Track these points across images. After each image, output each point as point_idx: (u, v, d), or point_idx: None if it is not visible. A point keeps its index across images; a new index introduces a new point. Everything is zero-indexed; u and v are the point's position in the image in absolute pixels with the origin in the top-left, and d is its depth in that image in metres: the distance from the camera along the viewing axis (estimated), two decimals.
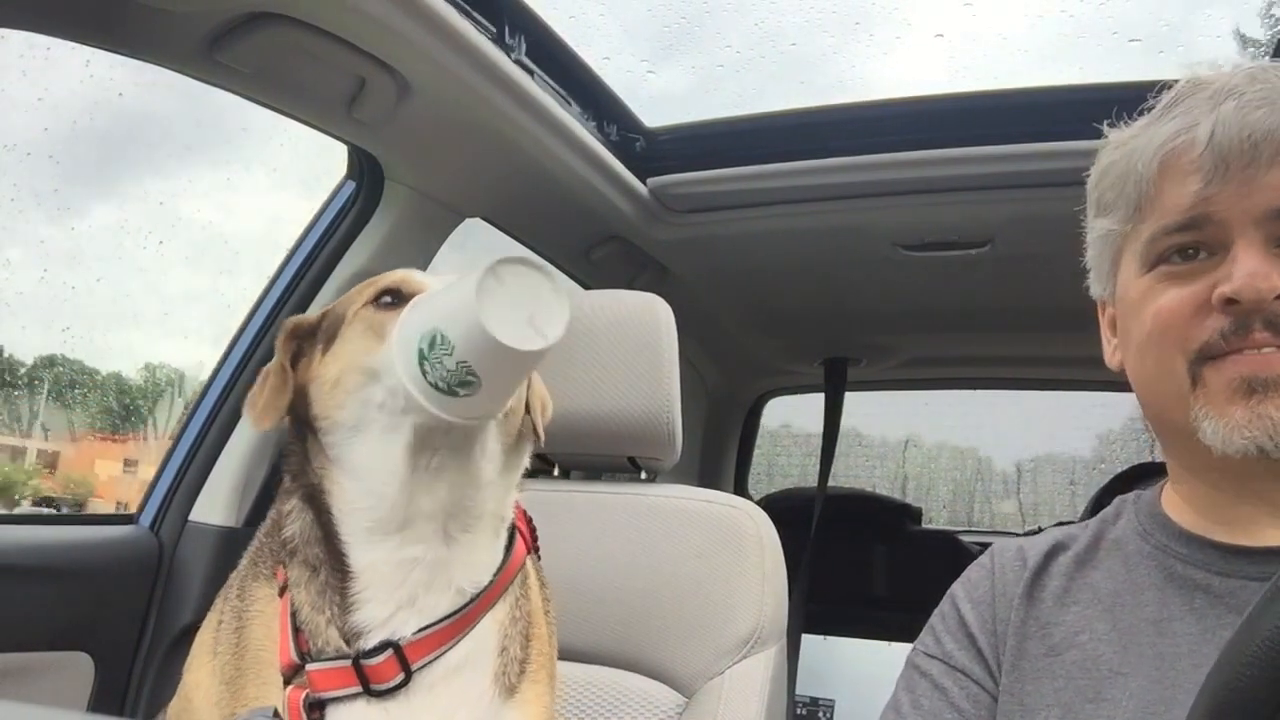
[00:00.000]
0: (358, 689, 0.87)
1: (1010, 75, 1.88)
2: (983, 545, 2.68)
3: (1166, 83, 0.85)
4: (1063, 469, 3.78)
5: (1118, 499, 0.95)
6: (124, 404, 2.31)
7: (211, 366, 1.71)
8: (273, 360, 0.99)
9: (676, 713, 1.30)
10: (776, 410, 3.49)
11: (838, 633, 2.86)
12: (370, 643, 0.89)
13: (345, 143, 1.60)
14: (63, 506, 2.11)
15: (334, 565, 0.91)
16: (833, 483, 3.02)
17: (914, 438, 3.92)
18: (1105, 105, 0.90)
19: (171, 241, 1.86)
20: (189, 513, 1.63)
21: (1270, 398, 0.74)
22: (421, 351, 0.77)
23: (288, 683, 0.90)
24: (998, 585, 0.92)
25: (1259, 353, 0.75)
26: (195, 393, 1.73)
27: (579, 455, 1.56)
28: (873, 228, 2.02)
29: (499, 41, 1.48)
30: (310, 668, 0.89)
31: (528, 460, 1.04)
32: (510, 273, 0.74)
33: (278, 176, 1.94)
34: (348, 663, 0.88)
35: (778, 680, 1.32)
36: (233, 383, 1.66)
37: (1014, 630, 0.87)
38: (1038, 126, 1.71)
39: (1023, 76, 1.88)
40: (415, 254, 1.77)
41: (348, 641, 0.89)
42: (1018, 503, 3.82)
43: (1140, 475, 2.17)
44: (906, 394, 3.50)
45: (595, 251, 2.13)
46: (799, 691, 2.77)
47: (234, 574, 1.09)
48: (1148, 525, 0.88)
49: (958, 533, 3.25)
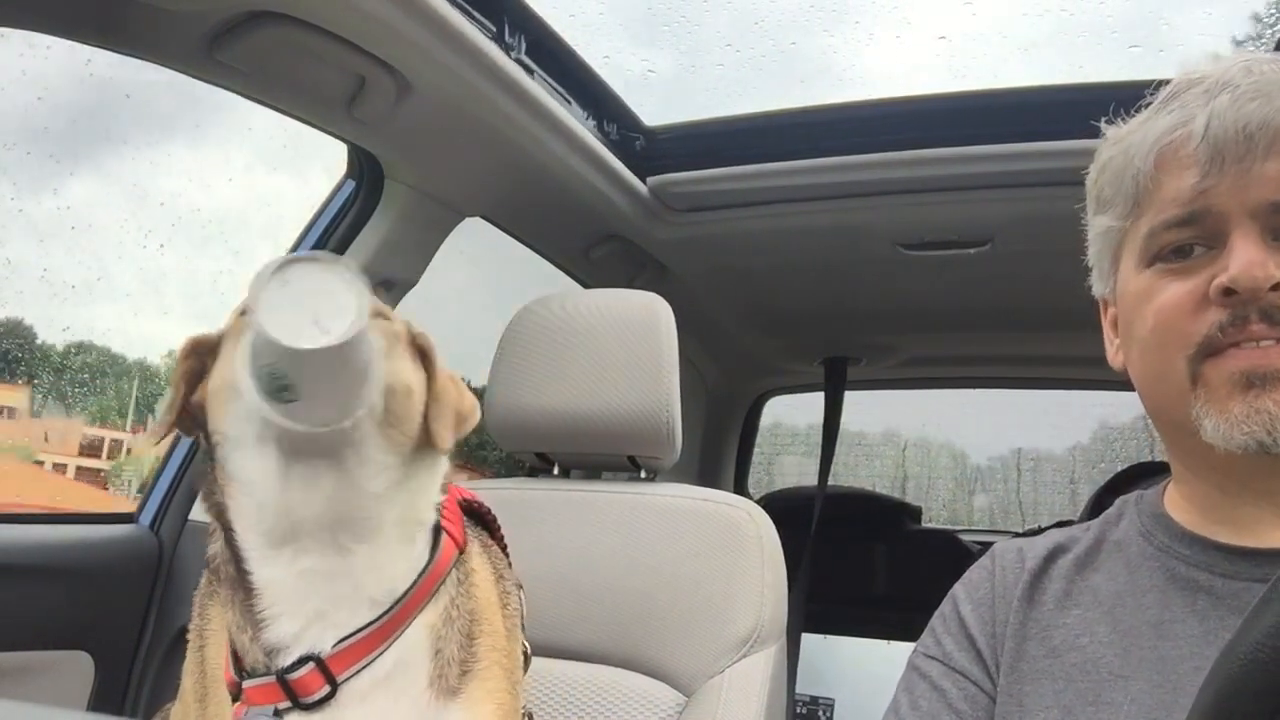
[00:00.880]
0: (288, 703, 0.87)
1: (1010, 74, 1.88)
2: (982, 544, 2.69)
3: (1166, 81, 0.85)
4: (1063, 467, 3.78)
5: (1120, 500, 0.95)
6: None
7: None
8: None
9: (676, 712, 1.30)
10: (769, 408, 3.50)
11: (838, 632, 2.86)
12: (290, 658, 0.88)
13: (345, 142, 1.61)
14: None
15: (243, 583, 0.90)
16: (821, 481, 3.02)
17: (915, 437, 3.93)
18: (1105, 104, 0.90)
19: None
20: (189, 512, 1.63)
21: (1268, 391, 0.74)
22: (249, 360, 0.74)
23: (235, 700, 0.91)
24: (997, 586, 0.92)
25: (1257, 345, 0.75)
26: None
27: (579, 454, 1.56)
28: (873, 227, 2.02)
29: (499, 40, 1.48)
30: (245, 685, 0.89)
31: (445, 465, 1.00)
32: (297, 272, 0.71)
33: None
34: (272, 678, 0.87)
35: (777, 679, 1.31)
36: None
37: (1013, 632, 0.87)
38: (1038, 126, 1.71)
39: (1023, 75, 1.88)
40: (415, 253, 1.78)
41: (269, 658, 0.89)
42: (1018, 501, 3.83)
43: (1141, 474, 2.17)
44: (905, 393, 3.51)
45: (595, 250, 2.13)
46: (799, 690, 2.77)
47: (198, 594, 1.09)
48: (1150, 526, 0.87)
49: (958, 532, 3.25)
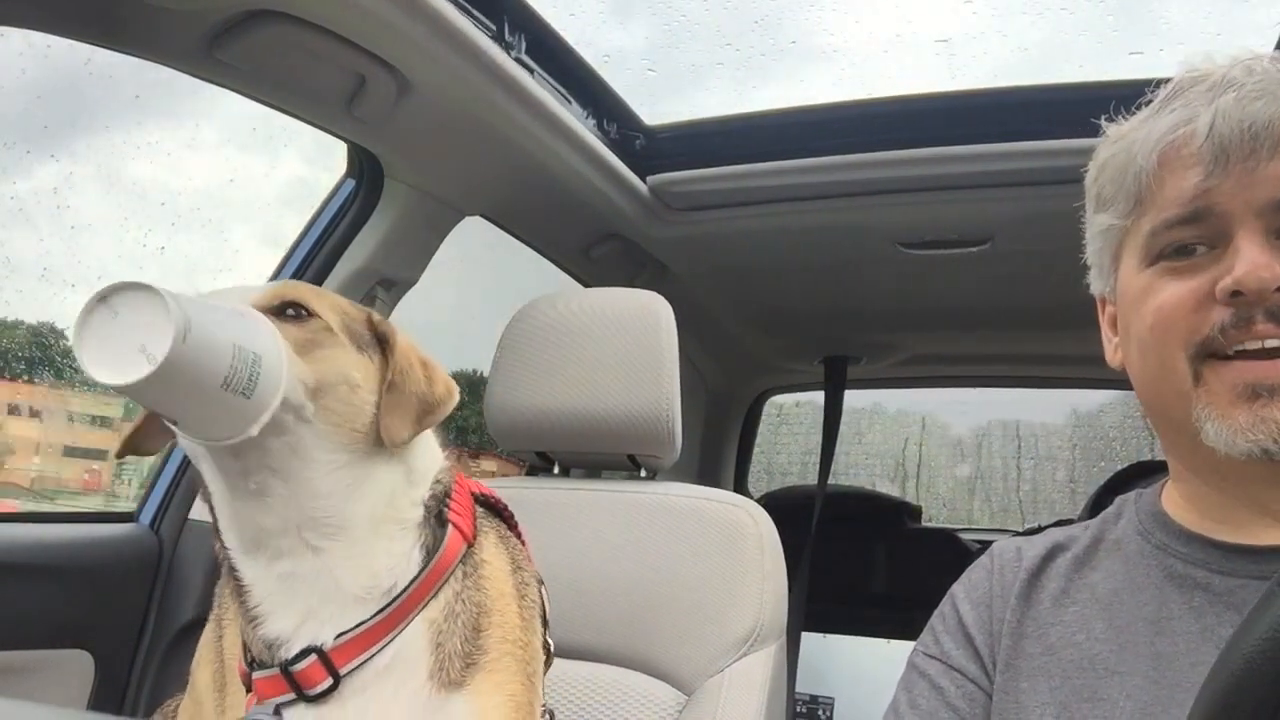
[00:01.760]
0: (292, 695, 0.88)
1: (1010, 73, 1.88)
2: (982, 543, 2.69)
3: (1166, 80, 0.85)
4: (1062, 465, 3.79)
5: (1119, 499, 0.95)
6: None
7: None
8: None
9: (676, 710, 1.30)
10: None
11: (838, 631, 2.86)
12: (292, 650, 0.88)
13: (345, 140, 1.60)
14: None
15: (236, 581, 0.91)
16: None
17: (914, 435, 3.93)
18: (1105, 103, 0.90)
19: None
20: (189, 511, 1.63)
21: (1275, 401, 0.73)
22: None
23: (249, 690, 0.92)
24: (995, 585, 0.92)
25: (1263, 345, 0.74)
26: None
27: (579, 453, 1.56)
28: (873, 226, 2.02)
29: (499, 39, 1.48)
30: (255, 676, 0.90)
31: (432, 459, 1.00)
32: (124, 301, 0.68)
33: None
34: (276, 670, 0.88)
35: (777, 678, 1.32)
36: None
37: (1010, 630, 0.87)
38: (1038, 124, 1.71)
39: (1023, 74, 1.88)
40: (415, 252, 1.78)
41: (270, 651, 0.89)
42: (1018, 501, 3.83)
43: (1140, 473, 2.18)
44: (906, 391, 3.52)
45: (595, 250, 2.13)
46: (799, 689, 2.78)
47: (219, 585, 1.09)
48: (1148, 524, 0.87)
49: (957, 530, 3.25)
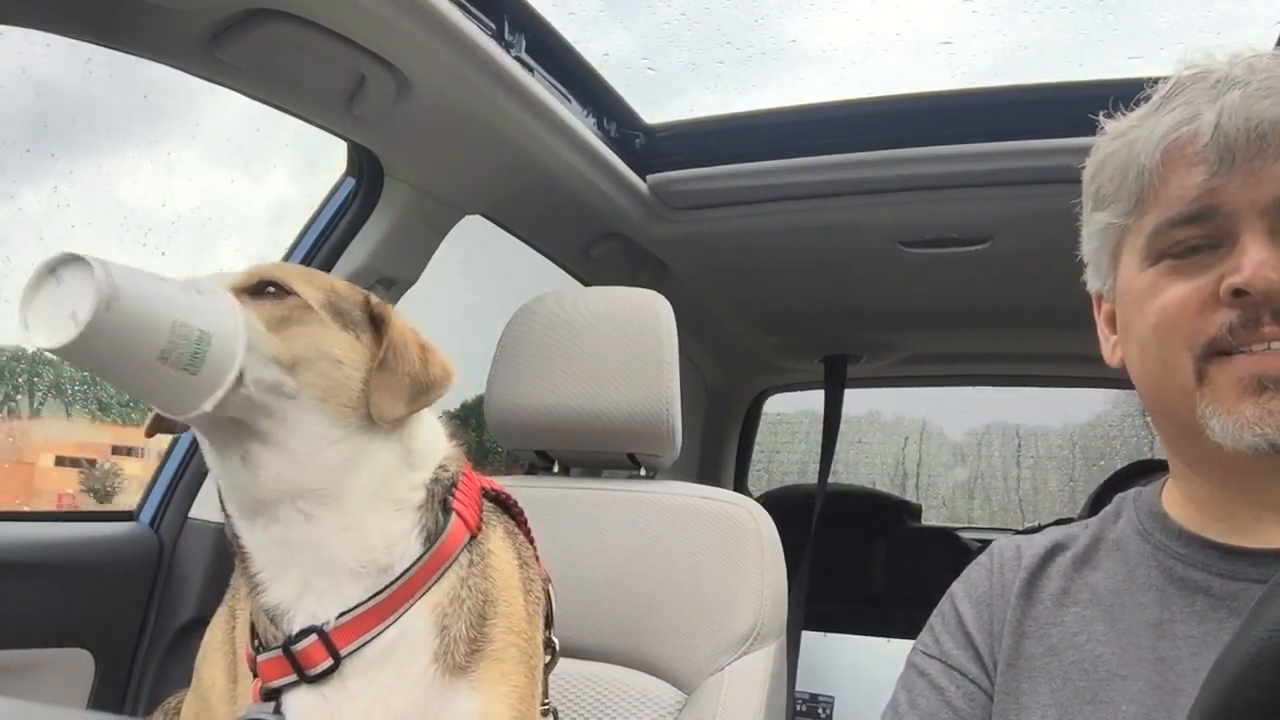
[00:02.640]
0: (294, 677, 0.89)
1: (1010, 72, 1.88)
2: (982, 542, 2.69)
3: (1166, 79, 0.85)
4: (1062, 464, 3.79)
5: (1117, 497, 0.94)
6: None
7: None
8: None
9: (676, 709, 1.30)
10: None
11: (837, 629, 2.86)
12: (294, 626, 0.89)
13: (345, 139, 1.60)
14: None
15: (239, 548, 0.93)
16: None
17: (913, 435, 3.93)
18: (1104, 102, 0.90)
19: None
20: (189, 510, 1.63)
21: None
22: None
23: (256, 676, 0.92)
24: (995, 585, 0.91)
25: (1268, 348, 0.73)
26: None
27: (579, 452, 1.56)
28: (873, 225, 2.02)
29: (499, 38, 1.47)
30: (259, 659, 0.91)
31: (435, 443, 1.01)
32: (65, 269, 0.72)
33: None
34: (279, 650, 0.89)
35: (777, 677, 1.32)
36: None
37: (1010, 629, 0.87)
38: (1037, 123, 1.71)
39: (1022, 73, 1.88)
40: (415, 251, 1.78)
41: (274, 624, 0.90)
42: (1017, 500, 3.83)
43: (1140, 472, 2.18)
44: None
45: (595, 248, 2.13)
46: (799, 688, 2.78)
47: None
48: (1148, 525, 0.87)
49: (957, 529, 3.25)
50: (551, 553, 1.37)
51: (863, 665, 2.78)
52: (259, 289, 0.89)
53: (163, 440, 1.71)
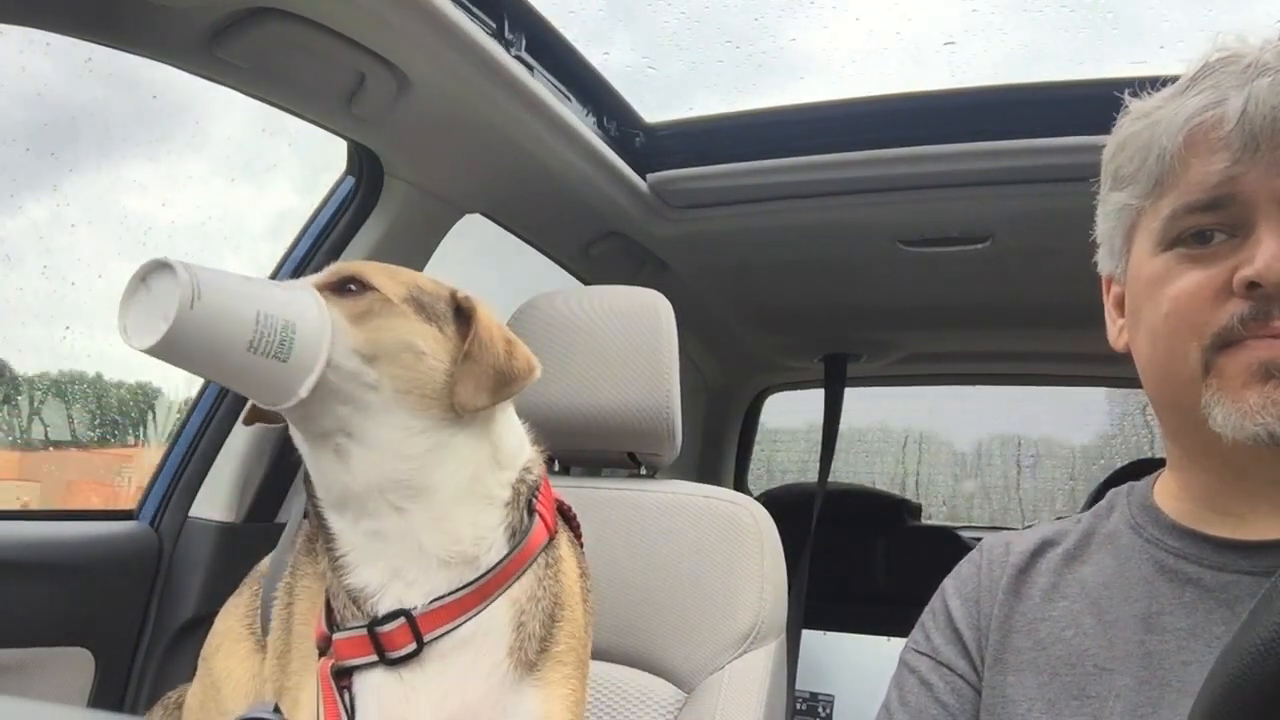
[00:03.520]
0: (374, 657, 0.90)
1: (1010, 71, 1.88)
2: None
3: (1167, 78, 0.84)
4: (1062, 463, 3.79)
5: (1110, 492, 0.94)
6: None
7: None
8: None
9: (676, 708, 1.30)
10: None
11: (837, 628, 2.86)
12: (382, 609, 0.91)
13: (345, 138, 1.60)
14: None
15: (324, 529, 0.95)
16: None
17: (914, 434, 3.93)
18: (1104, 100, 0.90)
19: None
20: (189, 509, 1.63)
21: None
22: None
23: (322, 654, 0.94)
24: (984, 580, 0.91)
25: (1278, 340, 0.73)
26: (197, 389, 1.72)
27: (578, 451, 1.56)
28: (873, 223, 2.02)
29: (499, 37, 1.47)
30: (335, 637, 0.92)
31: (518, 442, 1.03)
32: (153, 276, 0.78)
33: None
34: (364, 631, 0.91)
35: (777, 675, 1.32)
36: None
37: (998, 625, 0.87)
38: (1038, 122, 1.71)
39: (1022, 72, 1.88)
40: (414, 249, 1.77)
41: (357, 604, 0.92)
42: (1018, 499, 3.83)
43: (1139, 471, 2.17)
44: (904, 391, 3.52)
45: (595, 247, 2.13)
46: (799, 686, 2.78)
47: (289, 556, 1.11)
48: (1139, 518, 0.87)
49: (957, 528, 3.25)
50: None
51: (863, 664, 2.78)
52: (340, 285, 0.93)
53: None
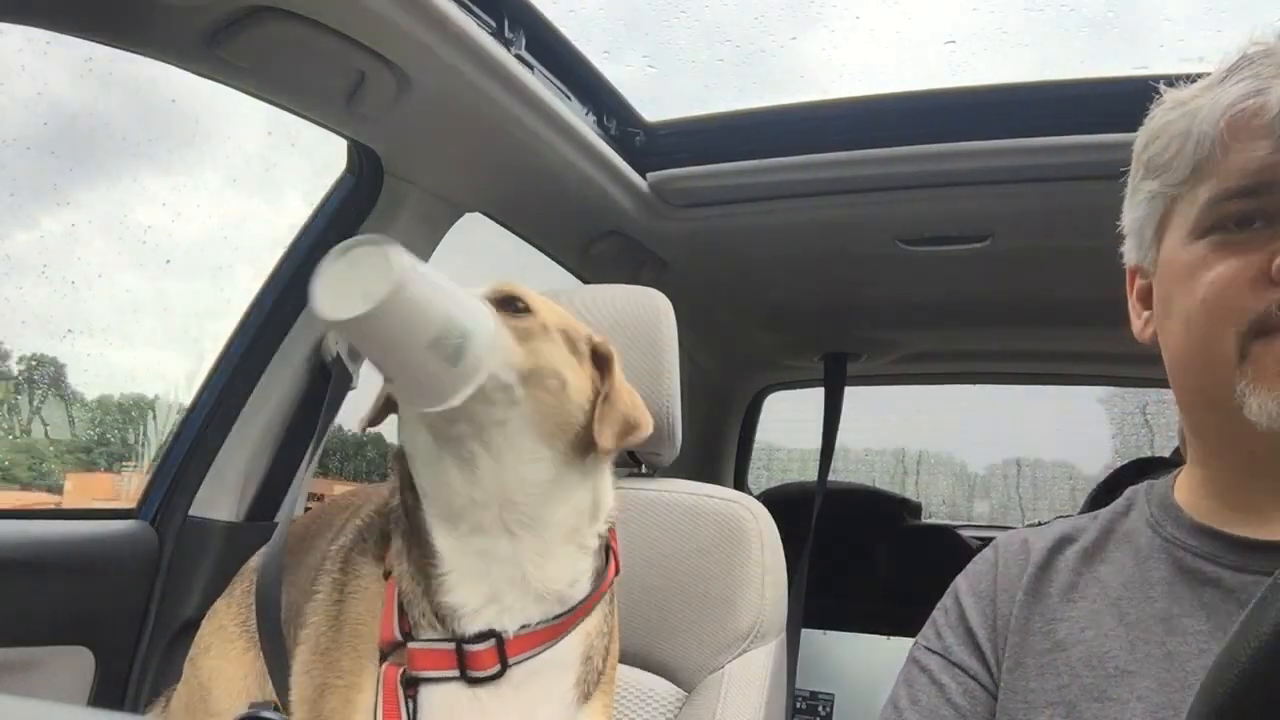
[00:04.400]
0: (454, 672, 0.91)
1: (1010, 70, 1.88)
2: (982, 540, 2.67)
3: (1167, 77, 0.84)
4: (1061, 462, 3.79)
5: (1129, 489, 0.93)
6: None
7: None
8: None
9: (676, 707, 1.30)
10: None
11: (837, 627, 2.86)
12: (471, 629, 0.92)
13: (345, 137, 1.60)
14: None
15: (422, 543, 0.95)
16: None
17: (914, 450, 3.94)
18: (1105, 100, 0.90)
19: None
20: (189, 507, 1.63)
21: None
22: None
23: (383, 658, 0.93)
24: (1000, 579, 0.90)
25: None
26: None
27: None
28: (873, 222, 2.02)
29: (499, 36, 1.47)
30: (412, 645, 0.92)
31: (609, 489, 1.05)
32: (360, 254, 0.79)
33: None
34: (450, 646, 0.92)
35: (777, 674, 1.32)
36: (234, 377, 1.66)
37: (1016, 626, 0.86)
38: (1038, 121, 1.71)
39: (1023, 71, 1.87)
40: (414, 248, 1.75)
41: (441, 621, 0.93)
42: (1017, 498, 3.83)
43: (1139, 470, 2.17)
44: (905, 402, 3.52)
45: (595, 246, 2.13)
46: (799, 685, 2.78)
47: (334, 549, 1.10)
48: (1159, 516, 0.86)
49: (957, 527, 3.25)
50: None
51: (863, 663, 2.79)
52: (506, 303, 0.95)
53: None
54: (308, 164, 1.65)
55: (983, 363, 3.05)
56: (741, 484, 3.40)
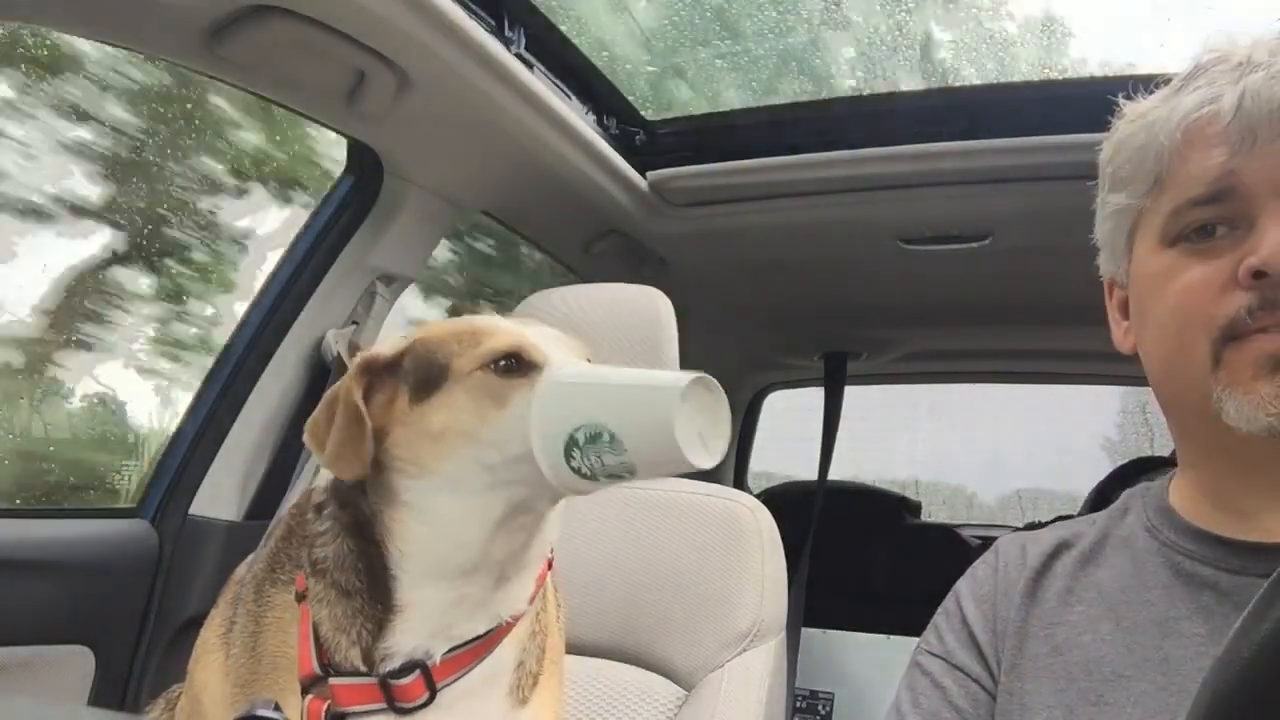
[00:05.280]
0: (382, 705, 0.88)
1: (1011, 69, 1.88)
2: (982, 538, 2.68)
3: (1168, 76, 0.84)
4: (1061, 461, 3.78)
5: (1125, 493, 0.93)
6: None
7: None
8: (338, 391, 0.92)
9: (676, 706, 1.30)
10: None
11: (837, 626, 2.87)
12: (394, 664, 0.89)
13: (345, 136, 1.60)
14: None
15: (374, 595, 0.90)
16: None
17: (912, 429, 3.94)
18: (1105, 99, 0.89)
19: None
20: (189, 507, 1.63)
21: None
22: (575, 441, 0.78)
23: (305, 691, 0.90)
24: (1000, 583, 0.90)
25: None
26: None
27: None
28: (873, 221, 2.02)
29: (499, 35, 1.47)
30: (334, 682, 0.89)
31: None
32: (694, 393, 0.76)
33: None
34: (373, 680, 0.88)
35: (777, 673, 1.32)
36: (234, 376, 1.66)
37: (1015, 629, 0.86)
38: (1038, 120, 1.71)
39: (1023, 70, 1.88)
40: (415, 248, 1.78)
41: (369, 663, 0.89)
42: (1017, 497, 3.83)
43: (1139, 470, 2.17)
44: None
45: (595, 245, 2.13)
46: (798, 684, 2.78)
47: (246, 574, 1.06)
48: (1155, 520, 0.86)
49: (957, 526, 3.25)
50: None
51: (862, 662, 2.79)
52: None
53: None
54: None
55: (983, 362, 3.05)
56: (741, 483, 3.40)
